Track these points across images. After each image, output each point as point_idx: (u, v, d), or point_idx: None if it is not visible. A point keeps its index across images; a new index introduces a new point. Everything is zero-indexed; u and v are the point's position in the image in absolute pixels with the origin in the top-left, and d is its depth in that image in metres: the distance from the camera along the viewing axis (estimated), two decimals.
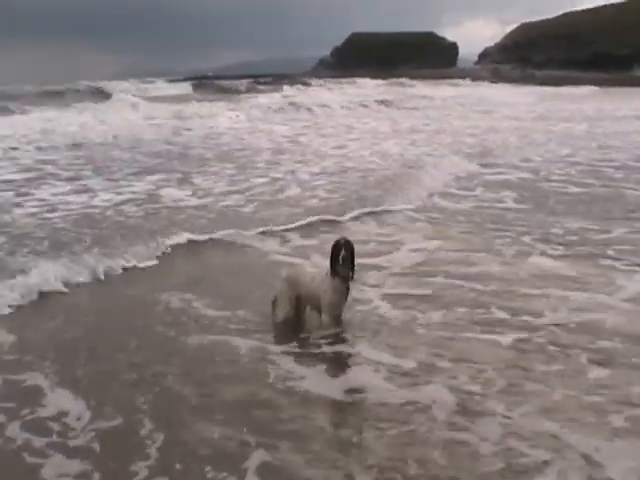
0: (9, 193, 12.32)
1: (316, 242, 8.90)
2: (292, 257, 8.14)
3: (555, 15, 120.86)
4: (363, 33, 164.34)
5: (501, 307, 6.49)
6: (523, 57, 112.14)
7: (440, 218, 10.43)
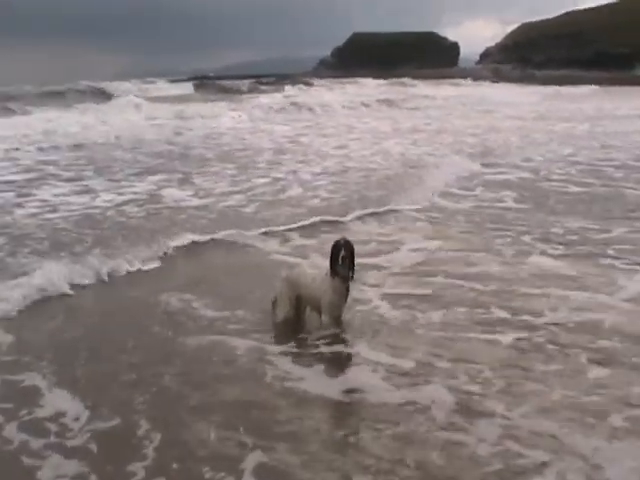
0: (10, 194, 12.32)
1: (317, 242, 8.88)
2: (293, 257, 8.13)
3: (556, 15, 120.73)
4: (364, 33, 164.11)
5: (501, 307, 6.48)
6: (523, 57, 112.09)
7: (440, 218, 10.41)
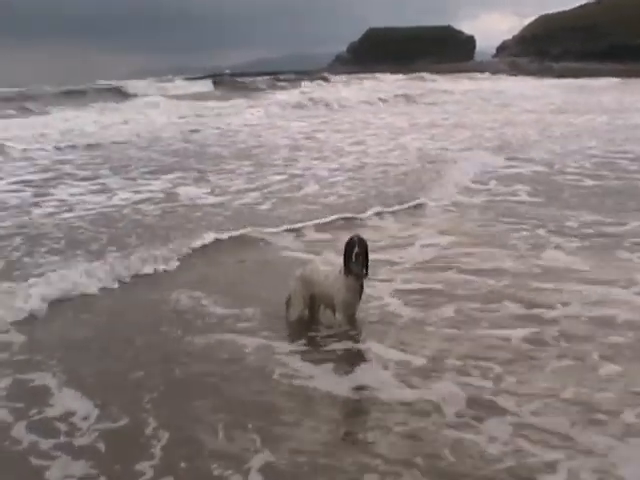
0: (27, 193, 12.43)
1: (334, 240, 8.71)
2: (309, 255, 8.00)
3: (572, 7, 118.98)
4: (380, 28, 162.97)
5: (514, 302, 6.43)
6: (541, 50, 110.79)
7: (457, 213, 10.37)
